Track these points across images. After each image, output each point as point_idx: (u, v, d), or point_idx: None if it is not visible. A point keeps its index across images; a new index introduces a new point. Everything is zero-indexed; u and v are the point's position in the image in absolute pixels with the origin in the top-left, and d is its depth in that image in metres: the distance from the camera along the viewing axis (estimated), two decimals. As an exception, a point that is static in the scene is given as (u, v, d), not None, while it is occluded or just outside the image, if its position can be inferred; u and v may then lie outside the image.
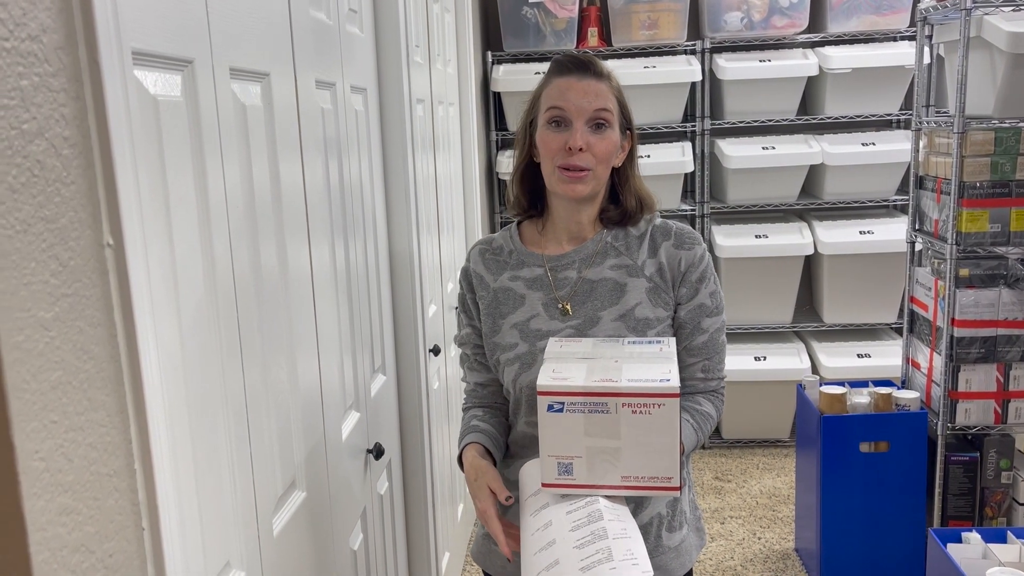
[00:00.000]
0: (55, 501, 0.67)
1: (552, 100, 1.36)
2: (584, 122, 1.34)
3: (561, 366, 1.24)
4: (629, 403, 1.18)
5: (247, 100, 1.22)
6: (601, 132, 1.35)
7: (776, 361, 3.88)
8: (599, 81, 1.36)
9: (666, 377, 1.19)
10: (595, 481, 1.22)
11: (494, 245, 1.49)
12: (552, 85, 1.38)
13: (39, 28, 0.67)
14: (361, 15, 1.95)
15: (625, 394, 1.18)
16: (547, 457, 1.22)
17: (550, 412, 1.19)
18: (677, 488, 1.21)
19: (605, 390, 1.18)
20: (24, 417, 0.63)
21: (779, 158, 3.81)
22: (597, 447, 1.20)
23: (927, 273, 2.92)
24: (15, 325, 0.63)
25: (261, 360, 1.24)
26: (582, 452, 1.20)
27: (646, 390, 1.18)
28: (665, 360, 1.25)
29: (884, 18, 3.84)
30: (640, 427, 1.18)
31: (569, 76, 1.36)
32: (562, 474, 1.22)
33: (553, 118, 1.36)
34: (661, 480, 1.21)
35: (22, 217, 0.64)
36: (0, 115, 0.62)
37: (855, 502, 2.80)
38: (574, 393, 1.18)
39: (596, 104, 1.34)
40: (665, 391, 1.17)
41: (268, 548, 1.24)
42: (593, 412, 1.19)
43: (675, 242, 1.41)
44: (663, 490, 1.22)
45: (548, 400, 1.19)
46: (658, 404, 1.17)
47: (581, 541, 1.16)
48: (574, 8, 3.89)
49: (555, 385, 1.19)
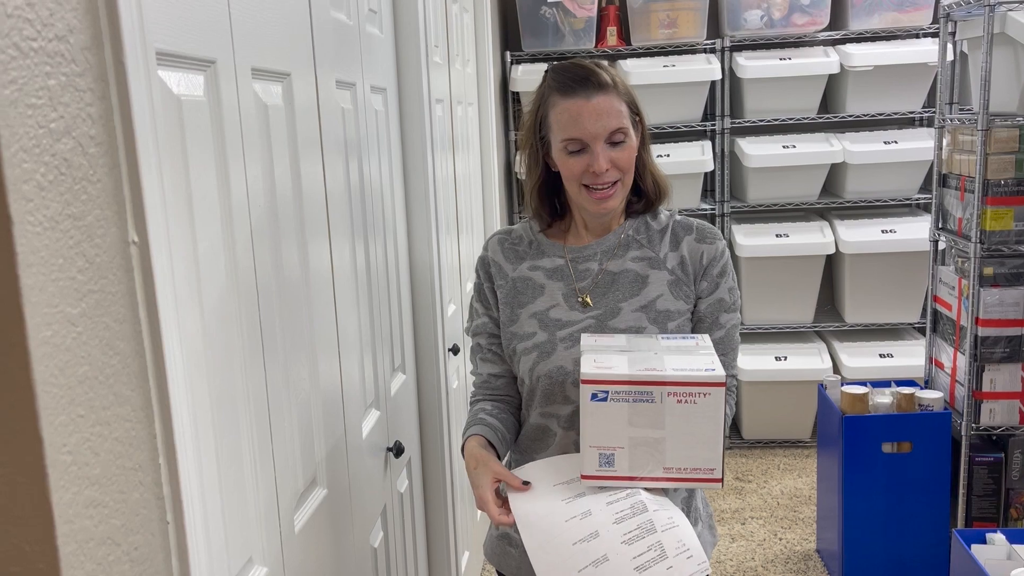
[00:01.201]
0: (82, 494, 0.68)
1: (566, 130, 1.34)
2: (603, 143, 1.33)
3: (601, 356, 1.24)
4: (674, 392, 1.18)
5: (268, 100, 1.23)
6: (621, 146, 1.35)
7: (797, 361, 3.86)
8: (607, 95, 1.33)
9: (711, 367, 1.20)
10: (637, 473, 1.21)
11: (513, 235, 1.49)
12: (560, 109, 1.34)
13: (66, 28, 0.68)
14: (381, 15, 1.96)
15: (671, 383, 1.18)
16: (589, 448, 1.21)
17: (593, 401, 1.19)
18: (720, 480, 1.21)
19: (650, 379, 1.18)
20: (52, 411, 0.65)
21: (800, 157, 3.78)
22: (640, 437, 1.20)
23: (951, 272, 2.89)
24: (43, 320, 0.64)
25: (283, 358, 1.25)
26: (625, 443, 1.20)
27: (692, 379, 1.18)
28: (705, 352, 1.26)
29: (906, 15, 3.81)
30: (685, 416, 1.18)
31: (576, 98, 1.32)
32: (603, 465, 1.21)
33: (571, 148, 1.34)
34: (704, 471, 1.21)
35: (50, 214, 0.65)
36: (28, 114, 0.63)
37: (877, 503, 2.78)
38: (619, 382, 1.18)
39: (611, 125, 1.33)
40: (711, 380, 1.18)
41: (290, 545, 1.25)
42: (637, 401, 1.18)
43: (697, 236, 1.42)
44: (706, 481, 1.22)
45: (592, 389, 1.19)
46: (704, 393, 1.18)
47: (629, 536, 1.15)
48: (593, 7, 3.89)
49: (599, 374, 1.19)
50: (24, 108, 0.63)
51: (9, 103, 0.61)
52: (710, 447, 1.19)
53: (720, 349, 1.40)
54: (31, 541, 0.65)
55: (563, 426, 1.39)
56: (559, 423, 1.40)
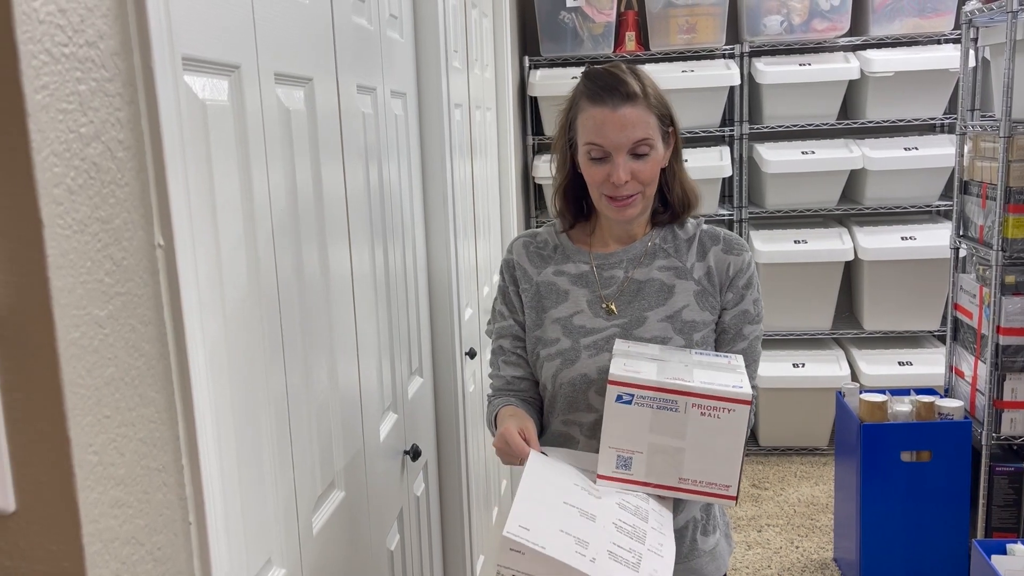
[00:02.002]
0: (107, 494, 0.69)
1: (589, 135, 1.34)
2: (625, 154, 1.33)
3: (632, 361, 1.24)
4: (699, 404, 1.18)
5: (291, 105, 1.24)
6: (644, 158, 1.34)
7: (815, 368, 3.84)
8: (634, 107, 1.32)
9: (739, 384, 1.20)
10: (652, 479, 1.22)
11: (538, 239, 1.49)
12: (587, 115, 1.35)
13: (96, 34, 0.69)
14: (401, 20, 1.97)
15: (697, 395, 1.18)
16: (608, 448, 1.22)
17: (618, 403, 1.20)
18: (734, 497, 1.21)
19: (677, 388, 1.19)
20: (80, 412, 0.65)
21: (819, 163, 3.76)
22: (660, 444, 1.20)
23: (972, 280, 2.87)
24: (72, 322, 0.65)
25: (302, 360, 1.26)
26: (644, 448, 1.21)
27: (718, 393, 1.18)
28: (736, 371, 1.26)
29: (928, 21, 3.78)
30: (707, 430, 1.19)
31: (603, 107, 1.32)
32: (620, 467, 1.22)
33: (594, 154, 1.35)
34: (719, 487, 1.21)
35: (79, 217, 0.66)
36: (60, 119, 0.64)
37: (896, 512, 2.75)
38: (645, 387, 1.19)
39: (634, 136, 1.32)
40: (737, 396, 1.18)
41: (308, 547, 1.26)
42: (661, 408, 1.19)
43: (724, 247, 1.42)
44: (720, 497, 1.21)
45: (618, 390, 1.20)
46: (728, 409, 1.18)
47: (621, 524, 1.16)
48: (612, 12, 3.89)
49: (627, 376, 1.20)
50: (55, 113, 0.64)
51: (41, 108, 0.62)
52: (728, 464, 1.19)
53: None
54: (57, 540, 0.66)
55: (586, 434, 1.39)
56: (582, 431, 1.39)
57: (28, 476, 0.65)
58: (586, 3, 3.88)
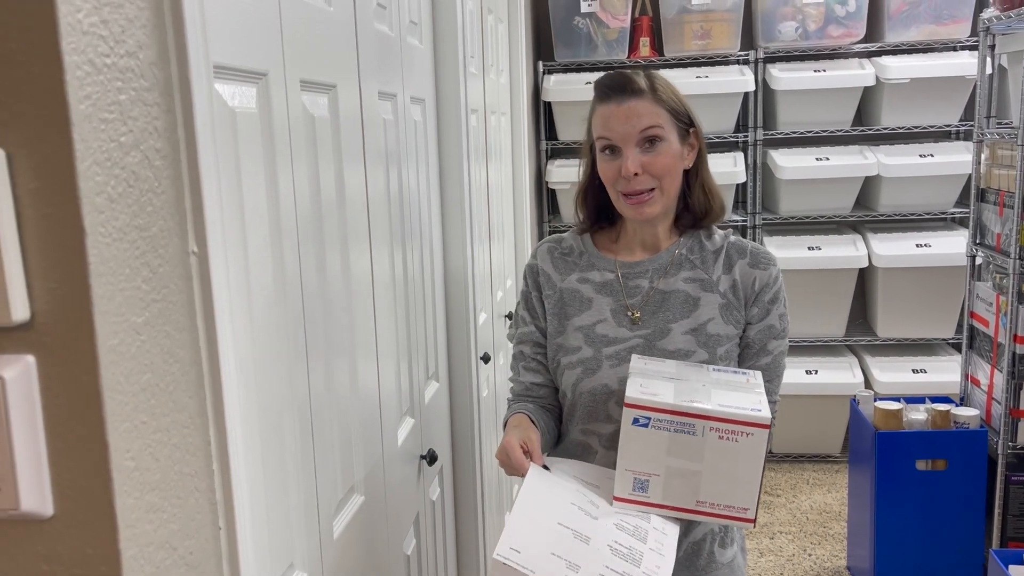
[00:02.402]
0: (143, 499, 0.70)
1: (598, 130, 1.36)
2: (633, 146, 1.33)
3: (648, 382, 1.23)
4: (717, 428, 1.17)
5: (316, 111, 1.25)
6: (655, 148, 1.33)
7: (828, 375, 3.82)
8: (640, 99, 1.33)
9: (757, 407, 1.18)
10: (669, 502, 1.20)
11: (563, 245, 1.48)
12: (596, 113, 1.38)
13: (136, 45, 0.70)
14: (421, 27, 1.98)
15: (714, 418, 1.17)
16: (624, 471, 1.21)
17: (634, 426, 1.19)
18: (752, 520, 1.20)
19: (694, 411, 1.17)
20: (118, 417, 0.66)
21: (833, 169, 3.76)
22: (677, 468, 1.19)
23: (988, 288, 2.85)
24: (111, 329, 0.66)
25: (325, 365, 1.27)
26: (661, 471, 1.19)
27: (736, 417, 1.16)
28: (754, 391, 1.24)
29: (944, 28, 3.77)
30: (724, 454, 1.17)
31: (609, 102, 1.34)
32: (637, 490, 1.21)
33: (604, 147, 1.36)
34: (737, 510, 1.19)
35: (119, 225, 0.67)
36: (101, 128, 0.65)
37: (911, 521, 2.74)
38: (662, 410, 1.17)
39: (640, 125, 1.32)
40: (756, 420, 1.16)
41: (329, 551, 1.27)
42: (678, 432, 1.17)
43: (751, 261, 1.40)
44: (737, 520, 1.20)
45: (634, 413, 1.18)
46: (746, 433, 1.16)
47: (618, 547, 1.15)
48: (626, 18, 3.89)
49: (643, 399, 1.18)
50: (97, 122, 0.65)
51: (84, 117, 0.63)
52: (746, 487, 1.18)
53: (766, 376, 1.38)
54: (94, 545, 0.66)
55: (604, 445, 1.38)
56: (600, 441, 1.38)
57: (66, 481, 0.66)
58: (601, 8, 3.88)
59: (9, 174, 0.62)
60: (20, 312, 0.63)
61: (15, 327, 0.63)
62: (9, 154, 0.62)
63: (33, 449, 0.64)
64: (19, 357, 0.64)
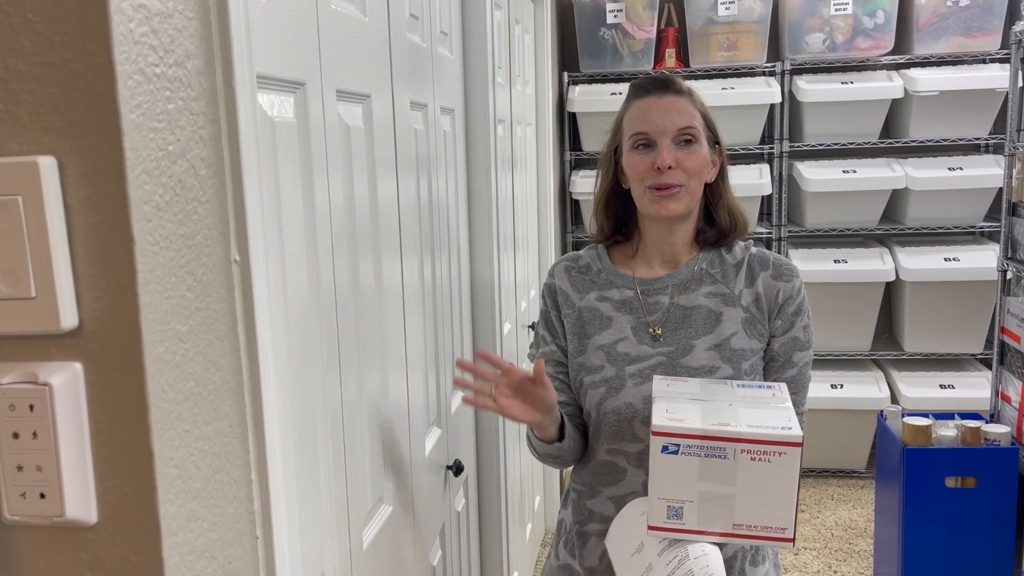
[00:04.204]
0: (185, 507, 0.70)
1: (635, 125, 1.35)
2: (670, 140, 1.32)
3: (674, 406, 1.20)
4: (748, 450, 1.14)
5: (351, 121, 1.26)
6: (689, 147, 1.32)
7: (853, 389, 3.78)
8: (680, 97, 1.34)
9: (788, 425, 1.16)
10: (705, 527, 1.18)
11: (580, 263, 1.46)
12: (633, 108, 1.37)
13: (184, 55, 0.70)
14: (451, 37, 1.98)
15: (745, 440, 1.14)
16: (657, 500, 1.18)
17: (664, 454, 1.16)
18: (791, 539, 1.17)
19: (724, 435, 1.15)
20: (162, 426, 0.66)
21: (860, 182, 3.72)
22: (710, 492, 1.17)
23: (1020, 303, 2.81)
24: (157, 337, 0.66)
25: (357, 374, 1.27)
26: (694, 497, 1.17)
27: (767, 437, 1.14)
28: (782, 407, 1.21)
29: (974, 40, 3.74)
30: (758, 475, 1.15)
31: (648, 97, 1.35)
32: (671, 518, 1.19)
33: (639, 142, 1.34)
34: (775, 530, 1.17)
35: (165, 234, 0.67)
36: (151, 137, 0.65)
37: (940, 539, 2.70)
38: (691, 436, 1.15)
39: (680, 122, 1.32)
40: (788, 439, 1.14)
41: (359, 561, 1.26)
42: (709, 456, 1.15)
43: (774, 272, 1.38)
44: (776, 540, 1.17)
45: (663, 441, 1.16)
46: (779, 452, 1.14)
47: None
48: (652, 29, 3.89)
49: (671, 427, 1.16)
50: (147, 132, 0.65)
51: (135, 127, 0.63)
52: (783, 506, 1.16)
53: (792, 388, 1.36)
54: (138, 552, 0.66)
55: (632, 464, 1.36)
56: (628, 460, 1.36)
57: (111, 489, 0.66)
58: (626, 19, 3.88)
59: (60, 182, 0.63)
60: (69, 319, 0.63)
61: (63, 334, 0.64)
62: (61, 162, 0.63)
63: (79, 456, 0.65)
64: (67, 364, 0.64)
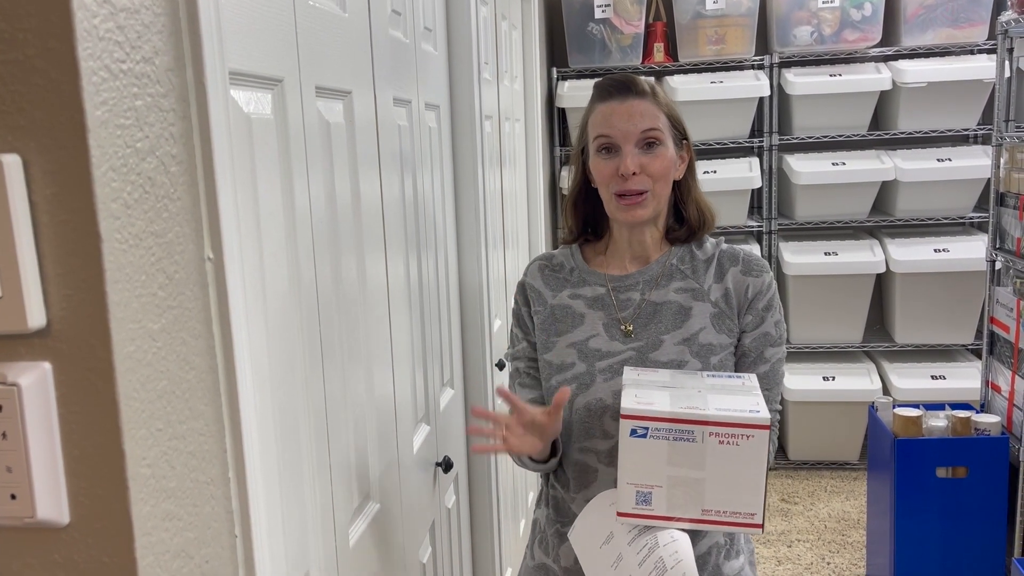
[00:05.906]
0: (160, 507, 0.69)
1: (598, 128, 1.34)
2: (633, 145, 1.32)
3: (643, 392, 1.21)
4: (717, 432, 1.15)
5: (331, 118, 1.25)
6: (653, 151, 1.32)
7: (845, 381, 3.79)
8: (642, 100, 1.33)
9: (756, 409, 1.16)
10: (675, 513, 1.18)
11: (554, 261, 1.46)
12: (596, 112, 1.36)
13: (152, 51, 0.70)
14: (435, 33, 1.98)
15: (713, 423, 1.14)
16: (626, 485, 1.18)
17: (632, 437, 1.16)
18: (760, 525, 1.17)
19: (692, 417, 1.15)
20: (134, 424, 0.66)
21: (850, 174, 3.73)
22: (679, 477, 1.17)
23: (1009, 293, 2.82)
24: (127, 336, 0.65)
25: (341, 372, 1.26)
26: (663, 481, 1.17)
27: (736, 420, 1.14)
28: (751, 393, 1.22)
29: (961, 31, 3.74)
30: (726, 459, 1.15)
31: (611, 101, 1.34)
32: (640, 503, 1.19)
33: (602, 146, 1.34)
34: (744, 516, 1.17)
35: (135, 232, 0.67)
36: (117, 134, 0.65)
37: (931, 529, 2.71)
38: (659, 419, 1.15)
39: (643, 125, 1.32)
40: (756, 422, 1.14)
41: (345, 559, 1.26)
42: (678, 440, 1.15)
43: (743, 268, 1.38)
44: (745, 526, 1.18)
45: (631, 424, 1.16)
46: (747, 435, 1.14)
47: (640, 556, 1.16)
48: (640, 24, 3.88)
49: (639, 409, 1.16)
50: (113, 128, 0.64)
51: (100, 124, 0.63)
52: (751, 491, 1.16)
53: (764, 384, 1.35)
54: (111, 553, 0.66)
55: (603, 462, 1.35)
56: (599, 459, 1.35)
57: (83, 489, 0.65)
58: (614, 14, 3.88)
59: (26, 180, 0.62)
60: (36, 319, 0.63)
61: (31, 334, 0.63)
62: (26, 160, 0.62)
63: (49, 457, 0.64)
64: (35, 364, 0.63)
